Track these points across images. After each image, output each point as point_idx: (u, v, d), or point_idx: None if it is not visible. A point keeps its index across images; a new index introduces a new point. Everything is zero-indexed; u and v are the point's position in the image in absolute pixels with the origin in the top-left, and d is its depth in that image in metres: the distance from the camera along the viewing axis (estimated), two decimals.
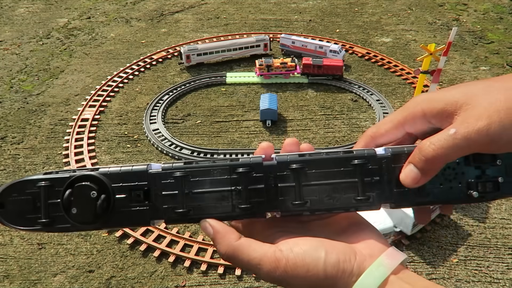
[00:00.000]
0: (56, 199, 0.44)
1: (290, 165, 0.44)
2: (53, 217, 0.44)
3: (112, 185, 0.44)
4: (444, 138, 0.41)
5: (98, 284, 2.31)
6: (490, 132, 0.39)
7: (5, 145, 3.35)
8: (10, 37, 5.11)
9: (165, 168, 0.45)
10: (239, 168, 0.44)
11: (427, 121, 0.45)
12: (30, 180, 0.44)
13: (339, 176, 0.45)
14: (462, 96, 0.42)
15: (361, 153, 0.45)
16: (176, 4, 5.99)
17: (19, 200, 0.44)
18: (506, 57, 4.52)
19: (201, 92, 4.05)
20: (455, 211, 2.72)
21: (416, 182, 0.43)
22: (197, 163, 0.45)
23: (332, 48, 4.32)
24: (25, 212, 0.44)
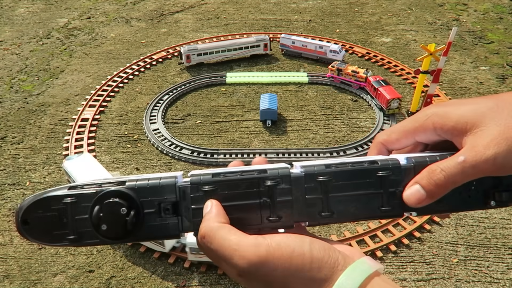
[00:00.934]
0: (83, 215, 0.43)
1: (317, 177, 0.45)
2: (81, 233, 0.43)
3: (140, 199, 0.43)
4: (454, 166, 0.42)
5: (98, 284, 2.31)
6: (497, 162, 0.41)
7: (5, 145, 3.36)
8: (10, 37, 5.11)
9: (193, 182, 0.44)
10: (267, 181, 0.44)
11: (436, 134, 0.47)
12: (55, 196, 0.43)
13: (365, 187, 0.46)
14: (472, 116, 0.43)
15: (385, 164, 0.46)
16: (176, 4, 5.99)
17: (44, 216, 0.43)
18: (506, 57, 4.52)
19: (201, 92, 4.05)
20: None
21: (420, 203, 0.44)
22: (225, 176, 0.45)
23: (332, 48, 4.32)
24: (51, 229, 0.43)
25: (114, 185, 0.44)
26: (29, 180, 3.01)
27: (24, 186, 2.96)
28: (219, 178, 0.45)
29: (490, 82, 4.08)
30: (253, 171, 0.45)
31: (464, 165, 0.42)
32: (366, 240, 2.51)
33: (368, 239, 2.51)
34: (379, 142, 0.52)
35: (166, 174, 0.46)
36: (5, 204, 2.81)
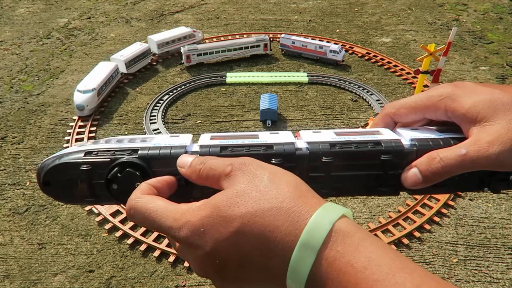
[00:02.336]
0: (98, 180, 0.46)
1: (321, 157, 0.46)
2: (98, 195, 0.47)
3: (152, 169, 0.46)
4: (454, 157, 0.43)
5: (99, 284, 2.31)
6: (499, 160, 0.41)
7: (5, 145, 3.36)
8: (11, 37, 5.11)
9: (202, 155, 0.46)
10: (272, 159, 0.45)
11: (446, 116, 0.47)
12: (72, 163, 0.46)
13: (366, 168, 0.47)
14: (484, 108, 0.43)
15: (389, 147, 0.46)
16: (176, 4, 5.99)
17: (63, 180, 0.46)
18: (506, 57, 4.52)
19: (201, 92, 4.05)
20: (454, 210, 2.72)
21: (415, 186, 0.45)
22: (232, 151, 0.46)
23: (332, 48, 4.32)
24: (70, 190, 0.47)
25: (127, 153, 0.46)
26: (30, 180, 3.01)
27: (25, 186, 2.96)
28: (226, 152, 0.46)
29: (490, 82, 4.08)
30: (260, 147, 0.46)
31: (464, 158, 0.42)
32: None
33: None
34: (387, 115, 0.52)
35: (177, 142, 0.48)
36: (6, 204, 2.81)
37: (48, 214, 2.74)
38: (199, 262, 0.39)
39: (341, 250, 0.33)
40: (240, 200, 0.37)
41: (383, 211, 2.75)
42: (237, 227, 0.36)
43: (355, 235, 0.34)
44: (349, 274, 0.32)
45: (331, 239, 0.34)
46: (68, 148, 0.49)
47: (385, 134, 0.50)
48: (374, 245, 0.34)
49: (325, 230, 0.34)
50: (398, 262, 0.32)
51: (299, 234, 0.34)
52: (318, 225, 0.34)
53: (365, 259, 0.32)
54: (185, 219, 0.38)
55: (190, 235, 0.37)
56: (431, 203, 2.74)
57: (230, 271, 0.37)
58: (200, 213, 0.38)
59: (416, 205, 2.73)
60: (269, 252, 0.35)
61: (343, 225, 0.35)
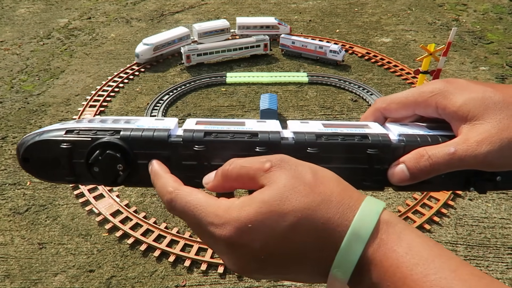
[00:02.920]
0: (79, 159, 0.45)
1: (307, 148, 0.45)
2: (78, 174, 0.46)
3: (134, 151, 0.45)
4: (442, 156, 0.43)
5: (99, 283, 2.31)
6: (486, 160, 0.41)
7: (5, 145, 3.36)
8: (11, 37, 5.12)
9: (185, 139, 0.45)
10: (256, 148, 0.45)
11: (437, 113, 0.47)
12: (52, 140, 0.45)
13: (351, 161, 0.46)
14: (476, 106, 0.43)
15: (376, 141, 0.46)
16: (176, 4, 6.00)
17: (43, 157, 0.45)
18: (505, 57, 4.52)
19: (201, 92, 4.06)
20: (454, 210, 2.73)
21: (402, 182, 0.45)
22: (216, 137, 0.45)
23: (332, 48, 4.33)
24: (50, 168, 0.46)
25: (109, 133, 0.45)
26: (30, 180, 3.02)
27: (25, 186, 2.97)
28: (209, 138, 0.45)
29: (489, 82, 4.08)
30: (244, 134, 0.45)
31: (453, 157, 0.42)
32: None
33: None
34: (377, 109, 0.52)
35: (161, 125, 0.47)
36: (6, 204, 2.82)
37: (49, 214, 2.74)
38: (243, 261, 0.38)
39: (385, 238, 0.35)
40: (290, 195, 0.37)
41: None
42: (291, 222, 0.36)
43: (397, 224, 0.36)
44: (392, 259, 0.34)
45: (377, 229, 0.36)
46: (50, 126, 0.48)
47: (373, 128, 0.49)
48: (414, 233, 0.36)
49: (373, 221, 0.36)
50: (436, 249, 0.35)
51: (349, 224, 0.36)
52: (366, 216, 0.36)
53: (406, 246, 0.34)
54: (229, 216, 0.37)
55: (236, 232, 0.37)
56: (431, 203, 2.74)
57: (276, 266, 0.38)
58: (247, 209, 0.37)
59: (416, 205, 2.73)
60: (323, 244, 0.36)
61: (386, 216, 0.37)
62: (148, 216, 2.72)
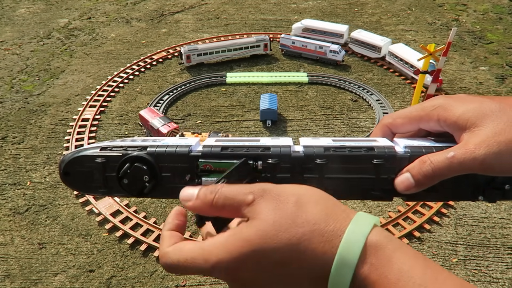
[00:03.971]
0: (111, 173, 0.50)
1: (316, 159, 0.48)
2: (110, 187, 0.51)
3: (159, 164, 0.50)
4: (442, 160, 0.44)
5: (99, 283, 2.31)
6: (485, 162, 0.42)
7: (5, 145, 3.36)
8: (11, 38, 5.12)
9: (204, 153, 0.49)
10: (269, 159, 0.48)
11: (439, 126, 0.49)
12: (89, 156, 0.51)
13: (359, 172, 0.48)
14: (474, 115, 0.45)
15: (382, 152, 0.48)
16: (176, 4, 6.00)
17: (80, 171, 0.51)
18: (505, 57, 4.52)
19: (201, 92, 4.06)
20: (454, 210, 2.73)
21: (408, 190, 0.47)
22: (232, 151, 0.49)
23: (332, 48, 4.33)
24: (86, 181, 0.51)
25: (137, 149, 0.51)
26: (30, 180, 3.02)
27: (25, 186, 2.97)
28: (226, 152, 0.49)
29: (489, 82, 4.09)
30: (258, 148, 0.49)
31: (452, 160, 0.44)
32: None
33: None
34: (384, 125, 0.54)
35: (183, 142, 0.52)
36: (6, 204, 2.82)
37: (49, 214, 2.74)
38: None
39: (375, 262, 0.35)
40: (272, 231, 0.37)
41: (383, 210, 2.75)
42: (275, 260, 0.36)
43: (387, 246, 0.36)
44: (384, 286, 0.34)
45: (365, 253, 0.35)
46: (88, 145, 0.54)
47: (381, 142, 0.51)
48: (405, 255, 0.35)
49: (359, 246, 0.35)
50: (430, 271, 0.34)
51: (335, 252, 0.36)
52: (352, 241, 0.36)
53: (397, 271, 0.34)
54: (215, 258, 0.38)
55: (224, 273, 0.38)
56: (431, 203, 2.74)
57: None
58: (230, 249, 0.38)
59: (416, 205, 2.73)
60: (313, 273, 0.37)
61: (375, 237, 0.36)
62: (148, 216, 2.72)
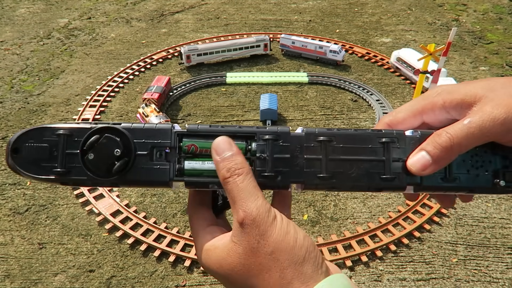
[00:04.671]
0: (74, 150, 0.42)
1: (318, 137, 0.43)
2: (70, 167, 0.42)
3: (134, 140, 0.43)
4: (459, 128, 0.41)
5: (99, 283, 2.31)
6: (507, 121, 0.39)
7: (5, 145, 3.36)
8: (11, 38, 5.12)
9: (190, 129, 0.44)
10: (265, 135, 0.43)
11: (445, 111, 0.45)
12: (49, 127, 0.42)
13: (366, 152, 0.44)
14: (481, 89, 0.43)
15: (389, 132, 0.44)
16: (176, 4, 6.00)
17: (35, 147, 0.42)
18: (505, 57, 4.52)
19: (201, 92, 4.06)
20: (454, 210, 2.73)
21: (425, 169, 0.43)
22: (223, 127, 0.44)
23: (332, 48, 4.33)
24: (40, 160, 0.42)
25: (111, 124, 0.43)
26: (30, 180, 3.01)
27: (25, 186, 2.97)
28: (216, 128, 0.44)
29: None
30: (252, 127, 0.44)
31: (470, 125, 0.40)
32: (366, 239, 2.52)
33: (368, 239, 2.52)
34: (385, 123, 0.50)
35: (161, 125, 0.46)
36: (6, 204, 2.82)
37: (49, 214, 2.74)
38: None
39: None
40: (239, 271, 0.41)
41: (383, 211, 2.75)
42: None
43: None
44: None
45: None
46: None
47: None
48: None
49: None
50: None
51: None
52: None
53: None
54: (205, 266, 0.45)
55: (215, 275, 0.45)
56: (431, 203, 2.74)
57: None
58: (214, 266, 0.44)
59: (416, 205, 2.73)
60: None
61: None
62: (148, 216, 2.72)
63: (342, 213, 2.74)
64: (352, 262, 2.40)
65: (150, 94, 3.60)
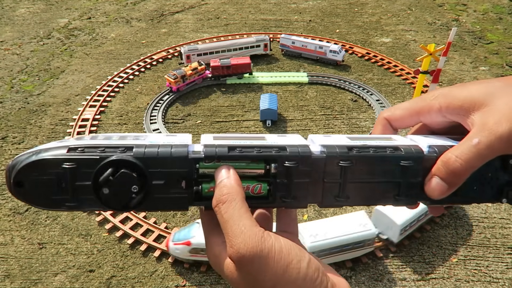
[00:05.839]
0: (84, 182, 0.39)
1: (339, 162, 0.42)
2: (82, 199, 0.40)
3: (149, 170, 0.39)
4: (469, 150, 0.41)
5: (99, 283, 2.31)
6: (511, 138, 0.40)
7: (5, 145, 3.36)
8: (11, 38, 5.12)
9: (208, 155, 0.41)
10: (286, 162, 0.41)
11: (442, 115, 0.46)
12: (52, 160, 0.38)
13: (384, 175, 0.43)
14: (480, 95, 0.42)
15: (409, 153, 0.43)
16: (176, 4, 6.00)
17: (40, 180, 0.39)
18: (505, 57, 4.52)
19: (201, 92, 4.06)
20: (454, 210, 2.73)
21: (443, 195, 0.43)
22: (241, 152, 0.41)
23: (332, 48, 4.33)
24: (48, 193, 0.39)
25: (119, 150, 0.39)
26: None
27: None
28: (234, 153, 0.41)
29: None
30: (271, 148, 0.42)
31: (480, 147, 0.40)
32: None
33: None
34: (383, 118, 0.51)
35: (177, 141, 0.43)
36: (6, 204, 2.82)
37: (49, 214, 2.74)
38: None
39: None
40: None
41: None
42: None
43: None
44: None
45: None
46: (46, 144, 0.41)
47: (398, 140, 0.47)
48: None
49: None
50: None
51: None
52: None
53: None
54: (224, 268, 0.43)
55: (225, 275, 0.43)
56: None
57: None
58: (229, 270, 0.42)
59: None
60: None
61: None
62: (148, 216, 2.72)
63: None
64: (352, 262, 2.40)
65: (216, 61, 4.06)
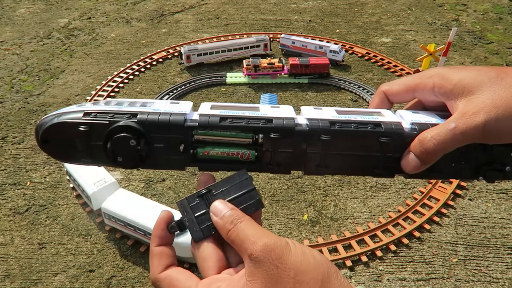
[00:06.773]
0: (97, 142, 0.46)
1: (320, 135, 0.46)
2: (95, 156, 0.47)
3: (151, 134, 0.46)
4: (444, 133, 0.43)
5: (99, 283, 2.31)
6: (486, 129, 0.42)
7: (5, 145, 3.36)
8: (11, 38, 5.12)
9: (201, 124, 0.46)
10: (271, 134, 0.46)
11: (434, 95, 0.48)
12: (69, 123, 0.46)
13: (364, 148, 0.47)
14: (471, 82, 0.44)
15: (389, 129, 0.47)
16: (176, 4, 6.00)
17: (60, 139, 0.46)
18: (505, 57, 4.52)
19: (201, 92, 4.06)
20: (454, 210, 2.73)
21: (416, 170, 0.46)
22: (232, 122, 0.46)
23: (332, 48, 4.33)
24: (67, 150, 0.47)
25: (126, 117, 0.46)
26: (30, 180, 3.02)
27: (25, 186, 2.97)
28: (225, 123, 0.46)
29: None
30: (259, 120, 0.47)
31: (455, 132, 0.43)
32: (366, 239, 2.52)
33: (368, 239, 2.52)
34: (381, 91, 0.54)
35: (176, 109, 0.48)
36: (6, 204, 2.82)
37: (49, 214, 2.74)
38: None
39: None
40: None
41: (383, 211, 2.75)
42: None
43: None
44: None
45: None
46: (68, 107, 0.49)
47: (386, 115, 0.50)
48: None
49: None
50: None
51: None
52: None
53: None
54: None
55: None
56: (431, 203, 2.74)
57: None
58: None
59: (416, 205, 2.73)
60: None
61: None
62: None
63: (342, 213, 2.74)
64: (352, 262, 2.41)
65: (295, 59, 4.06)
